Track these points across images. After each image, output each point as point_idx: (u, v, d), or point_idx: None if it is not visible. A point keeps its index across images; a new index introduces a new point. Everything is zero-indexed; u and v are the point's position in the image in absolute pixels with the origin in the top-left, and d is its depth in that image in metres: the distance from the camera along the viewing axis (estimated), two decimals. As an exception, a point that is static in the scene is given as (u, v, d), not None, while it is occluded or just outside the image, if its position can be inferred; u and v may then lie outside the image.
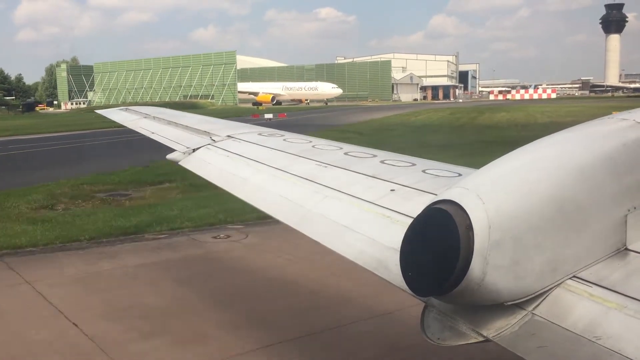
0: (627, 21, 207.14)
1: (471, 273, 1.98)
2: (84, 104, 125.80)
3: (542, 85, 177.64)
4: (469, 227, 2.00)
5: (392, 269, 2.56)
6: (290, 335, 7.05)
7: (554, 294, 2.08)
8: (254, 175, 4.18)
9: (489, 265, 1.98)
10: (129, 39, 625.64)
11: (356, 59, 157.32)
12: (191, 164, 4.91)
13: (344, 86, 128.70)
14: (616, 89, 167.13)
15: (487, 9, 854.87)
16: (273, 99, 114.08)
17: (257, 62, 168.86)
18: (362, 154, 4.12)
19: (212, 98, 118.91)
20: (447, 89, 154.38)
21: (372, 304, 7.71)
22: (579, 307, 2.01)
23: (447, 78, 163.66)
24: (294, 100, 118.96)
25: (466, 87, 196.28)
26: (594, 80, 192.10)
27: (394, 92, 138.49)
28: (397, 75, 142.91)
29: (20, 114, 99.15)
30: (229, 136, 5.22)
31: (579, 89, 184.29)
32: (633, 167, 2.23)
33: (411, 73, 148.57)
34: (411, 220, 2.29)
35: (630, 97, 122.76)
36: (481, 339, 2.13)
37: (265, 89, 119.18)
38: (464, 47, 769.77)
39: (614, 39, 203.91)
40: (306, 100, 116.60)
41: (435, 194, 2.40)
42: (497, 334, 2.09)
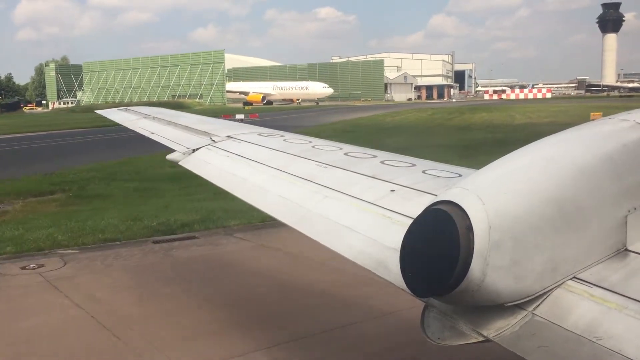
0: (624, 20, 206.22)
1: (471, 274, 1.97)
2: (72, 103, 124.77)
3: (539, 84, 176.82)
4: (469, 228, 2.00)
5: (392, 269, 2.54)
6: None
7: (555, 294, 2.07)
8: (253, 176, 4.16)
9: (489, 266, 1.98)
10: (128, 38, 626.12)
11: (351, 59, 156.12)
12: (191, 164, 4.90)
13: (336, 86, 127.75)
14: (613, 88, 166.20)
15: (487, 9, 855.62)
16: (263, 98, 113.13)
17: (253, 61, 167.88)
18: (362, 155, 4.10)
19: (200, 98, 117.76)
20: (441, 88, 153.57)
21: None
22: (579, 307, 2.01)
23: (442, 77, 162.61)
24: (285, 100, 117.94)
25: (463, 86, 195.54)
26: (593, 80, 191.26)
27: (387, 91, 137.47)
28: (391, 75, 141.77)
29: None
30: (228, 136, 5.20)
31: (575, 88, 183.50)
32: (633, 167, 2.23)
33: (405, 72, 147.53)
34: (411, 220, 2.28)
35: (623, 96, 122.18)
36: (481, 338, 2.13)
37: (255, 89, 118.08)
38: (464, 47, 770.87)
39: (611, 38, 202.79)
40: (297, 100, 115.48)
41: (435, 195, 2.43)
42: (497, 334, 2.08)
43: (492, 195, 2.08)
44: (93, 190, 18.24)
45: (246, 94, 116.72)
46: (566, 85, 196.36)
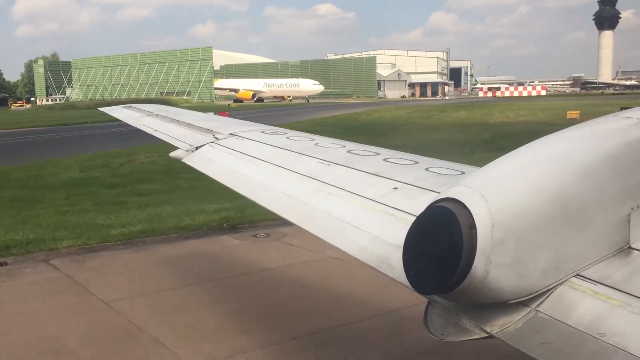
0: (620, 17, 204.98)
1: (474, 271, 1.97)
2: (61, 100, 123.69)
3: (535, 82, 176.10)
4: (472, 226, 2.00)
5: (395, 265, 2.54)
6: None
7: (558, 291, 2.07)
8: (257, 173, 4.17)
9: (492, 264, 1.98)
10: (125, 36, 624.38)
11: (346, 55, 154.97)
12: (194, 161, 4.91)
13: (329, 83, 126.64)
14: (608, 86, 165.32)
15: (486, 6, 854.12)
16: (254, 95, 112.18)
17: (246, 58, 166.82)
18: (365, 152, 4.09)
19: (188, 95, 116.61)
20: (435, 85, 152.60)
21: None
22: (583, 304, 2.01)
23: (437, 75, 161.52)
24: (276, 97, 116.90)
25: (459, 83, 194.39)
26: (590, 77, 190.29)
27: (380, 89, 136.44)
28: (385, 72, 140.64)
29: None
30: (231, 134, 5.22)
31: (571, 86, 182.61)
32: (636, 165, 2.23)
33: (399, 69, 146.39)
34: (414, 218, 2.28)
35: (616, 94, 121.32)
36: (485, 335, 2.13)
37: (246, 86, 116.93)
38: (464, 44, 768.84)
39: (607, 35, 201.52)
40: (289, 97, 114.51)
41: (438, 192, 2.41)
42: (500, 330, 2.08)
43: (495, 192, 2.09)
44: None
45: (236, 91, 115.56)
46: (561, 82, 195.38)
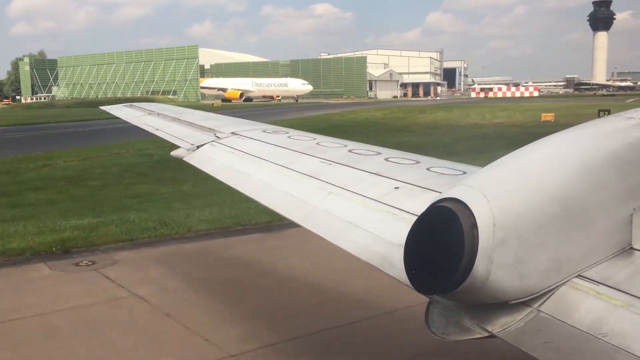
0: (614, 18, 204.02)
1: (475, 271, 1.97)
2: (46, 98, 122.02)
3: (529, 83, 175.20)
4: (474, 225, 1.99)
5: (396, 264, 2.52)
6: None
7: (560, 291, 2.07)
8: (258, 172, 4.16)
9: (494, 264, 1.97)
10: (123, 35, 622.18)
11: (339, 55, 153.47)
12: (196, 160, 4.89)
13: (319, 83, 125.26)
14: (602, 87, 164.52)
15: (484, 7, 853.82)
16: (242, 95, 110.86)
17: (238, 57, 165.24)
18: (367, 152, 4.08)
19: (174, 94, 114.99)
20: (427, 86, 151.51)
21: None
22: (584, 304, 2.00)
23: (430, 75, 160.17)
24: (265, 97, 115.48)
25: (453, 84, 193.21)
26: (586, 78, 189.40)
27: (372, 89, 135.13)
28: (377, 72, 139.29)
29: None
30: (233, 133, 5.22)
31: (564, 87, 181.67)
32: (638, 166, 2.22)
33: (391, 69, 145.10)
34: (416, 218, 2.27)
35: (606, 95, 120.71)
36: (486, 334, 2.12)
37: (234, 85, 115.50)
38: (462, 44, 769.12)
39: (602, 36, 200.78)
40: (278, 97, 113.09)
41: (440, 192, 2.40)
42: (502, 330, 2.08)
43: (497, 192, 2.07)
44: None
45: (224, 90, 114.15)
46: (555, 83, 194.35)
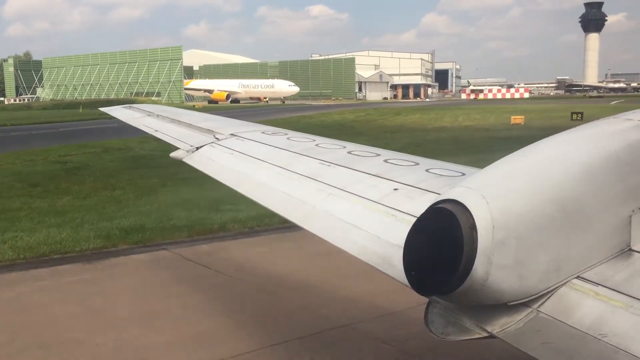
0: (606, 20, 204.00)
1: (474, 273, 1.97)
2: (30, 100, 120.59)
3: (521, 84, 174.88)
4: (473, 227, 1.99)
5: (395, 264, 2.52)
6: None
7: (560, 292, 2.07)
8: (257, 173, 4.16)
9: (493, 265, 1.97)
10: (121, 35, 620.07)
11: (330, 56, 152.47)
12: (195, 161, 4.88)
13: (307, 84, 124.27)
14: (594, 88, 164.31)
15: (479, 8, 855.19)
16: (228, 96, 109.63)
17: (230, 58, 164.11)
18: (366, 153, 4.08)
19: (157, 95, 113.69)
20: (417, 87, 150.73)
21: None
22: (584, 305, 2.01)
23: (421, 76, 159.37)
24: (253, 98, 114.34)
25: (445, 85, 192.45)
26: (579, 79, 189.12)
27: (361, 90, 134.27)
28: (366, 73, 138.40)
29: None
30: (232, 134, 5.20)
31: (555, 88, 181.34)
32: (637, 167, 2.23)
33: (380, 71, 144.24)
34: (415, 219, 2.27)
35: (592, 97, 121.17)
36: (485, 334, 2.12)
37: (220, 87, 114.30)
38: (457, 45, 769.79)
39: (593, 37, 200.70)
40: (265, 98, 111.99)
41: (439, 194, 2.39)
42: (501, 330, 2.08)
43: (496, 194, 2.08)
44: None
45: (211, 92, 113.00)
46: (546, 85, 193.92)
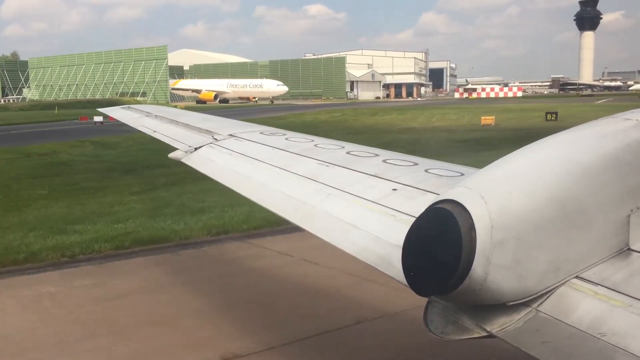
0: (601, 18, 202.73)
1: (473, 273, 1.97)
2: (16, 100, 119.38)
3: (515, 83, 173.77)
4: (472, 227, 1.99)
5: (395, 264, 2.52)
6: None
7: (559, 291, 2.07)
8: (256, 174, 4.14)
9: (492, 265, 1.98)
10: (119, 36, 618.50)
11: (320, 56, 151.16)
12: (193, 162, 4.88)
13: (298, 84, 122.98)
14: (588, 86, 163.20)
15: (476, 8, 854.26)
16: (216, 96, 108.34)
17: (222, 58, 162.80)
18: (364, 153, 4.08)
19: (143, 95, 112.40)
20: (410, 86, 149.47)
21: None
22: (583, 304, 2.01)
23: (414, 75, 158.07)
24: (242, 98, 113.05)
25: (440, 84, 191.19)
26: (573, 78, 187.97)
27: (352, 89, 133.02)
28: (359, 72, 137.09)
29: None
30: (231, 135, 5.20)
31: (549, 87, 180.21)
32: (636, 167, 2.23)
33: (373, 70, 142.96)
34: (414, 219, 2.27)
35: (584, 96, 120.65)
36: (484, 334, 2.12)
37: (208, 87, 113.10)
38: (454, 45, 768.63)
39: (588, 36, 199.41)
40: (254, 98, 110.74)
41: (438, 194, 2.40)
42: (500, 329, 2.08)
43: (495, 194, 2.08)
44: None
45: (199, 92, 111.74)
46: (540, 83, 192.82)
